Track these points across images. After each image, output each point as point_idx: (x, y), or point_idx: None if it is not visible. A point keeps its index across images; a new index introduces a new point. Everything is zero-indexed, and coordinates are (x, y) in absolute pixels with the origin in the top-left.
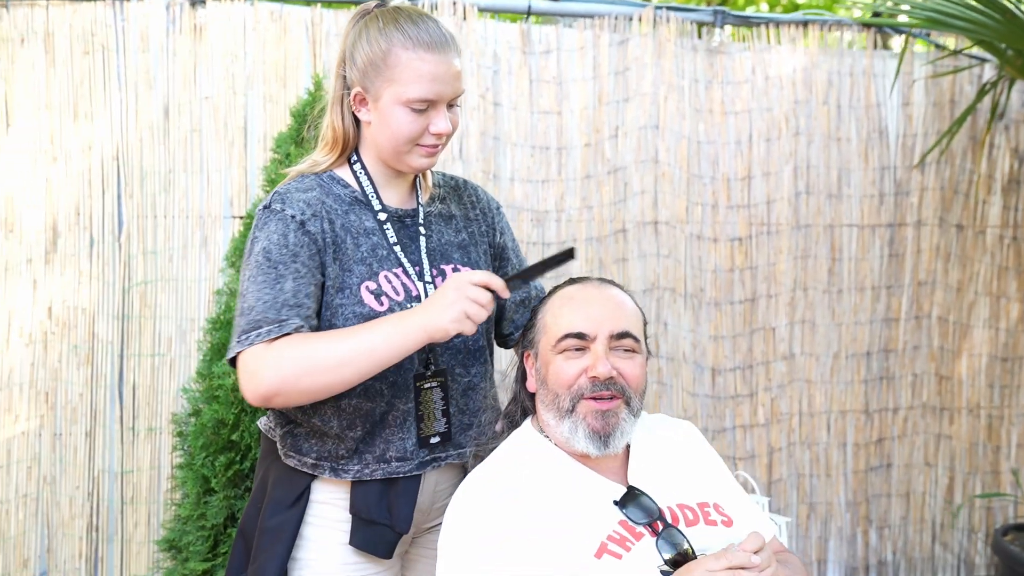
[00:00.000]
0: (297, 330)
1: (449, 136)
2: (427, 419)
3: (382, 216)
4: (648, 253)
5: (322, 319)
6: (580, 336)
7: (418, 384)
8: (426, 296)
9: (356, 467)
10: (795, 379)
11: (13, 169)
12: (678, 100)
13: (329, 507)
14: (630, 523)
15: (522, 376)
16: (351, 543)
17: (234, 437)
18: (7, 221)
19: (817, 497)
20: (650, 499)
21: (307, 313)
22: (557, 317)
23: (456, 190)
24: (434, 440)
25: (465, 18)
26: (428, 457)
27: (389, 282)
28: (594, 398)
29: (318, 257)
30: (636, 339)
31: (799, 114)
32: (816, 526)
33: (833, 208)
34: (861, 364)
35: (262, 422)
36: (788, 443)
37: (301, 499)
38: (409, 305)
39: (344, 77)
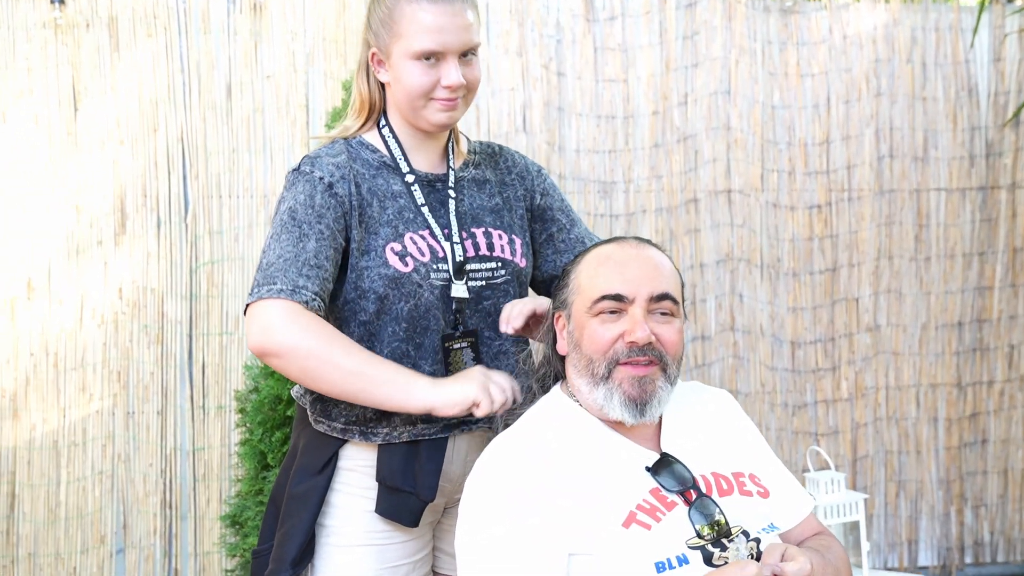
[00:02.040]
0: (309, 302)
1: (468, 89)
2: None
3: (410, 179)
4: (721, 223)
5: (348, 281)
6: (618, 298)
7: (447, 345)
8: (454, 258)
9: (385, 430)
10: (881, 351)
11: (81, 152)
12: (750, 64)
13: (356, 474)
14: (662, 491)
15: (553, 339)
16: (377, 511)
17: (290, 413)
18: (77, 204)
19: (907, 475)
20: (684, 467)
21: (325, 275)
22: (593, 278)
23: (492, 156)
24: None
25: None
26: (455, 419)
27: (415, 243)
28: (631, 364)
29: (343, 220)
30: (675, 301)
31: (880, 74)
32: (906, 505)
33: (919, 172)
34: (952, 335)
35: (294, 390)
36: (874, 418)
37: (328, 465)
38: (436, 266)
39: (367, 41)
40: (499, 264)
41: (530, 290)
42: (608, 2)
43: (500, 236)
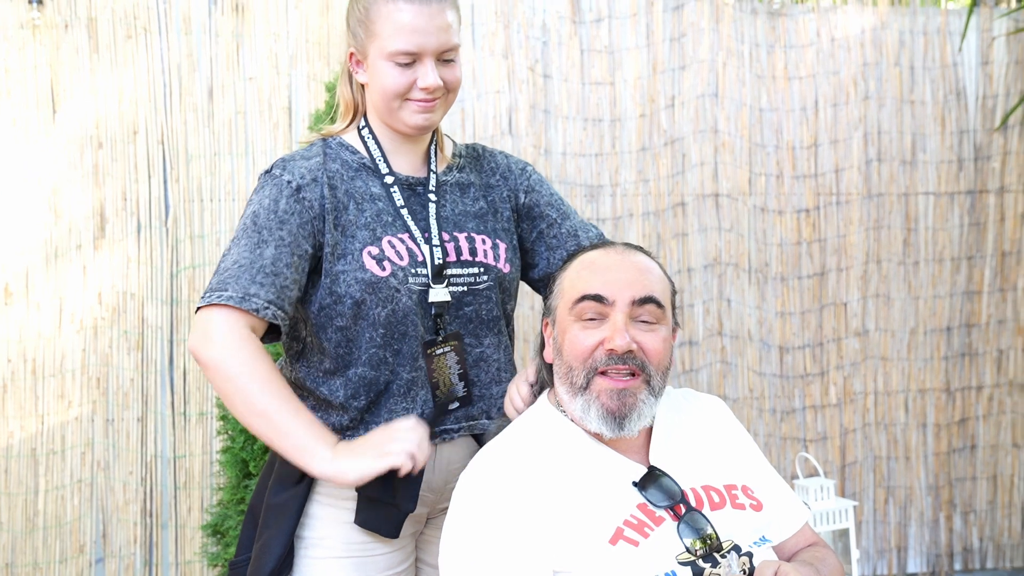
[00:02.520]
0: (260, 310)
1: (447, 91)
2: (443, 385)
3: (389, 180)
4: (709, 227)
5: (322, 287)
6: (598, 299)
7: (428, 351)
8: (432, 261)
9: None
10: (869, 357)
11: (60, 155)
12: (738, 66)
13: (334, 485)
14: (650, 506)
15: (542, 345)
16: (356, 522)
17: None
18: (55, 207)
19: (895, 481)
20: (672, 480)
21: (283, 283)
22: (575, 280)
23: (476, 159)
24: (453, 406)
25: None
26: (436, 429)
27: (393, 247)
28: (609, 375)
29: (310, 225)
30: (660, 306)
31: (868, 77)
32: (895, 511)
33: (908, 175)
34: (941, 340)
35: None
36: (863, 424)
37: (306, 476)
38: (414, 270)
39: (348, 43)
40: (481, 269)
41: (527, 347)
42: (595, 4)
43: (483, 241)
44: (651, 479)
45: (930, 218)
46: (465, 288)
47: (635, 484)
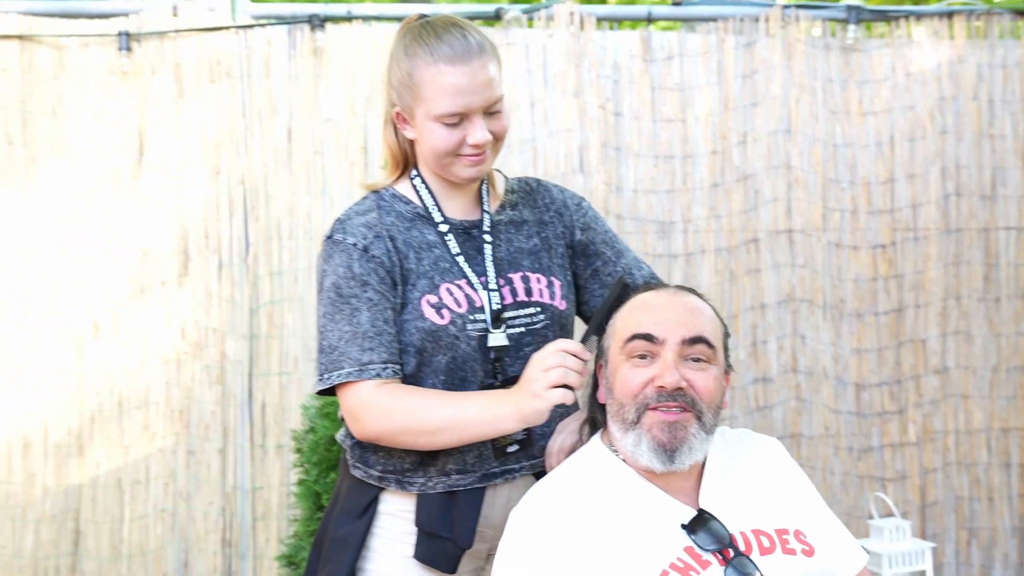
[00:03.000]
0: (378, 375)
1: (496, 140)
2: None
3: (443, 228)
4: (782, 263)
5: None
6: (648, 338)
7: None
8: (491, 307)
9: (420, 480)
10: (949, 395)
11: (147, 196)
12: (811, 102)
13: (395, 519)
14: (697, 550)
15: (595, 388)
16: (415, 556)
17: None
18: (142, 246)
19: (978, 522)
20: (721, 524)
21: (389, 339)
22: (626, 321)
23: (530, 194)
24: (511, 449)
25: (583, 28)
26: (496, 469)
27: (451, 294)
28: (660, 409)
29: (388, 279)
30: (711, 346)
31: (946, 111)
32: (978, 553)
33: (988, 210)
34: None
35: (339, 433)
36: (943, 463)
37: (368, 510)
38: (472, 316)
39: (390, 100)
40: (538, 309)
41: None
42: (666, 42)
43: (538, 280)
44: (700, 522)
45: (1011, 253)
46: (523, 329)
47: (684, 527)
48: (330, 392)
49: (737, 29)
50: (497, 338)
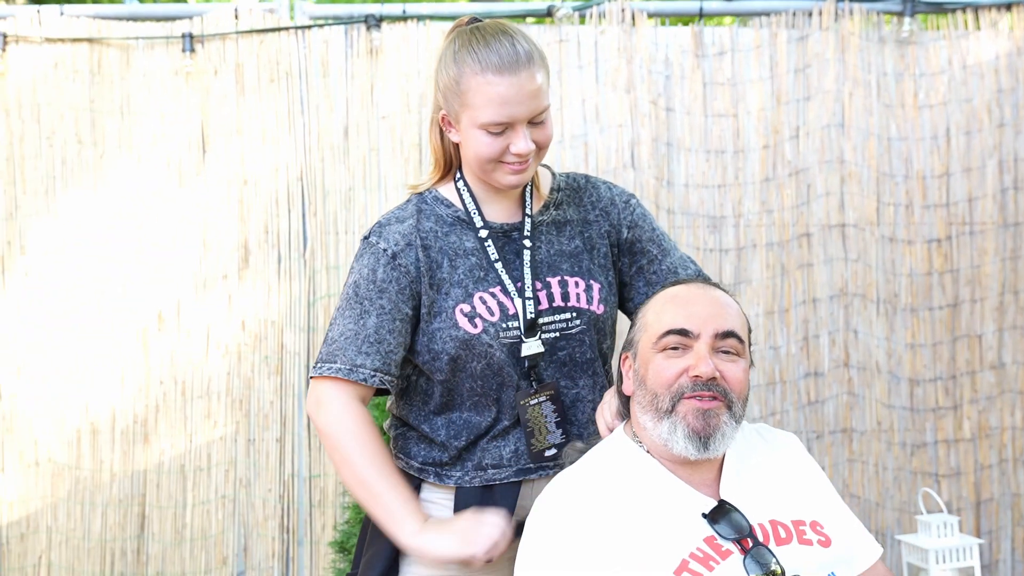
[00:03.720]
0: (367, 379)
1: (540, 148)
2: (538, 433)
3: (483, 233)
4: (835, 258)
5: (420, 344)
6: (683, 333)
7: (522, 403)
8: (524, 315)
9: (458, 473)
10: (1006, 391)
11: (209, 192)
12: (864, 96)
13: (436, 507)
14: (718, 539)
15: (619, 380)
16: None
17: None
18: (205, 241)
19: None
20: (741, 515)
21: (388, 349)
22: (660, 314)
23: (577, 191)
24: (549, 452)
25: (635, 24)
26: (529, 465)
27: (484, 303)
28: (695, 397)
29: (408, 289)
30: (741, 340)
31: (1004, 104)
32: None
33: None
34: None
35: (385, 423)
36: (999, 460)
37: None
38: (505, 324)
39: (436, 103)
40: (574, 314)
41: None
42: (718, 37)
43: (576, 284)
44: (721, 512)
45: None
46: (558, 333)
47: (705, 516)
48: None
49: (790, 23)
50: (531, 346)
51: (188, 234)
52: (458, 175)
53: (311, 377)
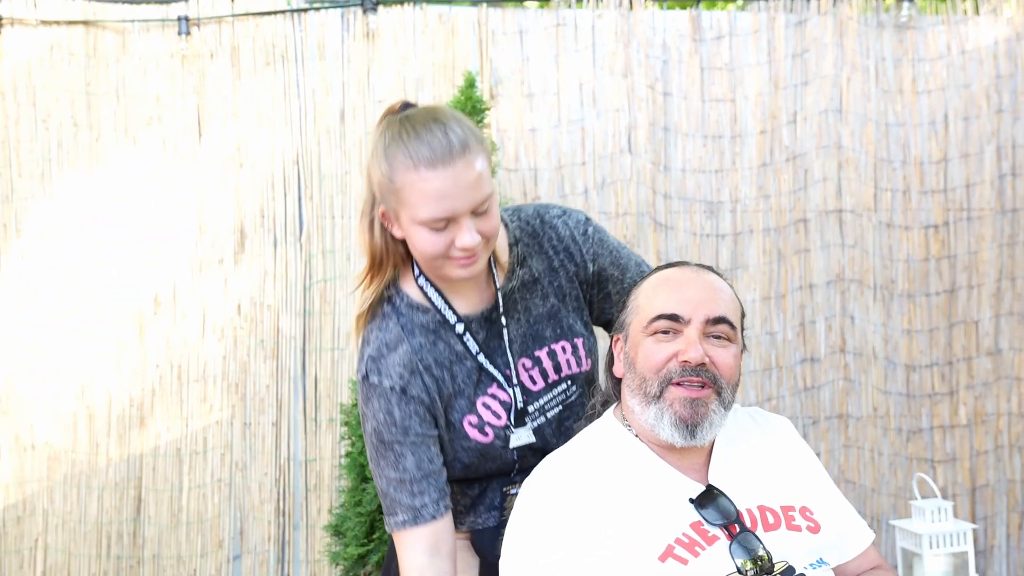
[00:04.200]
0: (436, 515)
1: (487, 239)
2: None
3: (459, 329)
4: (832, 243)
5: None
6: (674, 318)
7: (504, 489)
8: (520, 403)
9: (471, 518)
10: (1002, 376)
11: (205, 176)
12: (863, 81)
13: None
14: (705, 525)
15: (610, 361)
16: None
17: None
18: (201, 224)
19: None
20: (728, 500)
21: (436, 477)
22: (651, 298)
23: (535, 238)
24: None
25: (632, 8)
26: None
27: (488, 408)
28: (683, 384)
29: (428, 414)
30: (732, 326)
31: (1002, 90)
32: None
33: None
34: None
35: None
36: (995, 446)
37: None
38: (511, 423)
39: (373, 197)
40: (570, 382)
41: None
42: (715, 22)
43: (563, 348)
44: (708, 497)
45: None
46: (561, 407)
47: (692, 501)
48: None
49: (788, 7)
50: (520, 437)
51: (184, 217)
52: (416, 271)
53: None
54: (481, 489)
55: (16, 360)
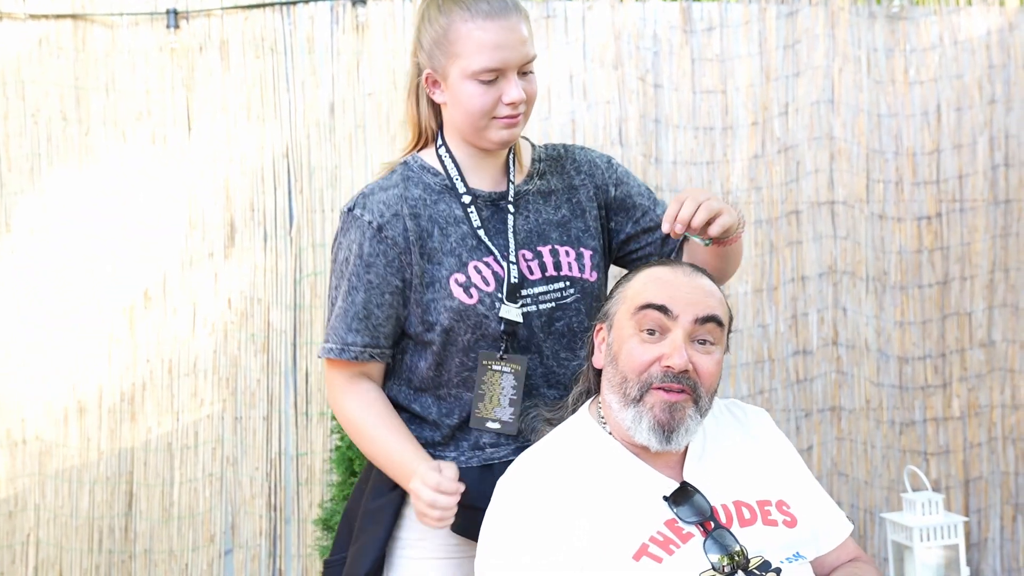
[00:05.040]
0: (358, 356)
1: (527, 104)
2: (487, 401)
3: (466, 200)
4: (824, 235)
5: (413, 315)
6: (663, 310)
7: (484, 362)
8: (516, 279)
9: (452, 454)
10: (996, 368)
11: (195, 169)
12: (854, 72)
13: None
14: (679, 522)
15: (590, 351)
16: (452, 528)
17: None
18: (191, 218)
19: None
20: (703, 497)
21: (375, 323)
22: (641, 290)
23: (558, 160)
24: (491, 424)
25: (622, 0)
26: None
27: (479, 272)
28: (664, 388)
29: (397, 261)
30: (720, 324)
31: (995, 80)
32: None
33: None
34: None
35: None
36: (989, 438)
37: None
38: (500, 294)
39: (417, 64)
40: (568, 283)
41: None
42: (706, 13)
43: (567, 252)
44: (683, 495)
45: None
46: (553, 304)
47: (666, 499)
48: None
49: None
50: (509, 311)
51: (174, 211)
52: (440, 142)
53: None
54: (462, 417)
55: (7, 355)
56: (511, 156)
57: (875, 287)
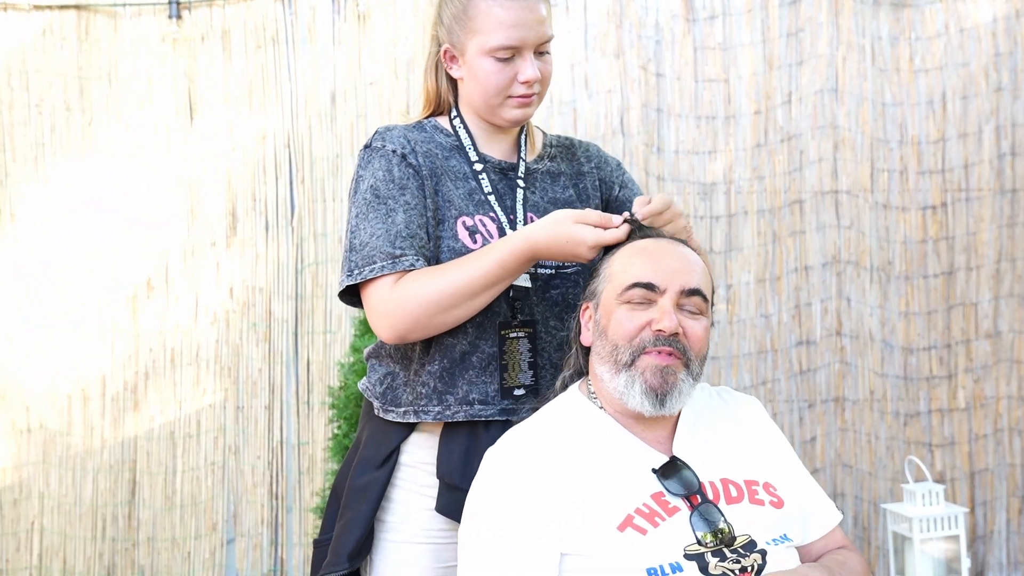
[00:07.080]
0: (412, 267)
1: (542, 84)
2: (512, 369)
3: (478, 166)
4: (828, 224)
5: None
6: (649, 287)
7: (503, 332)
8: None
9: (437, 408)
10: (1002, 359)
11: (197, 159)
12: (858, 60)
13: (416, 471)
14: (666, 495)
15: (578, 331)
16: (437, 509)
17: None
18: (192, 208)
19: None
20: (692, 471)
21: (421, 243)
22: (626, 267)
23: (568, 148)
24: (518, 392)
25: None
26: (512, 406)
27: (484, 225)
28: (655, 352)
29: (423, 188)
30: (705, 299)
31: (1001, 68)
32: None
33: None
34: None
35: (361, 383)
36: (994, 430)
37: (389, 460)
38: None
39: (436, 38)
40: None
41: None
42: (708, 1)
43: None
44: (672, 468)
45: None
46: (553, 271)
47: (654, 471)
48: (354, 299)
49: None
50: (519, 278)
51: (176, 201)
52: (454, 113)
53: (346, 287)
54: (444, 366)
55: (11, 344)
56: (523, 135)
57: (879, 277)
